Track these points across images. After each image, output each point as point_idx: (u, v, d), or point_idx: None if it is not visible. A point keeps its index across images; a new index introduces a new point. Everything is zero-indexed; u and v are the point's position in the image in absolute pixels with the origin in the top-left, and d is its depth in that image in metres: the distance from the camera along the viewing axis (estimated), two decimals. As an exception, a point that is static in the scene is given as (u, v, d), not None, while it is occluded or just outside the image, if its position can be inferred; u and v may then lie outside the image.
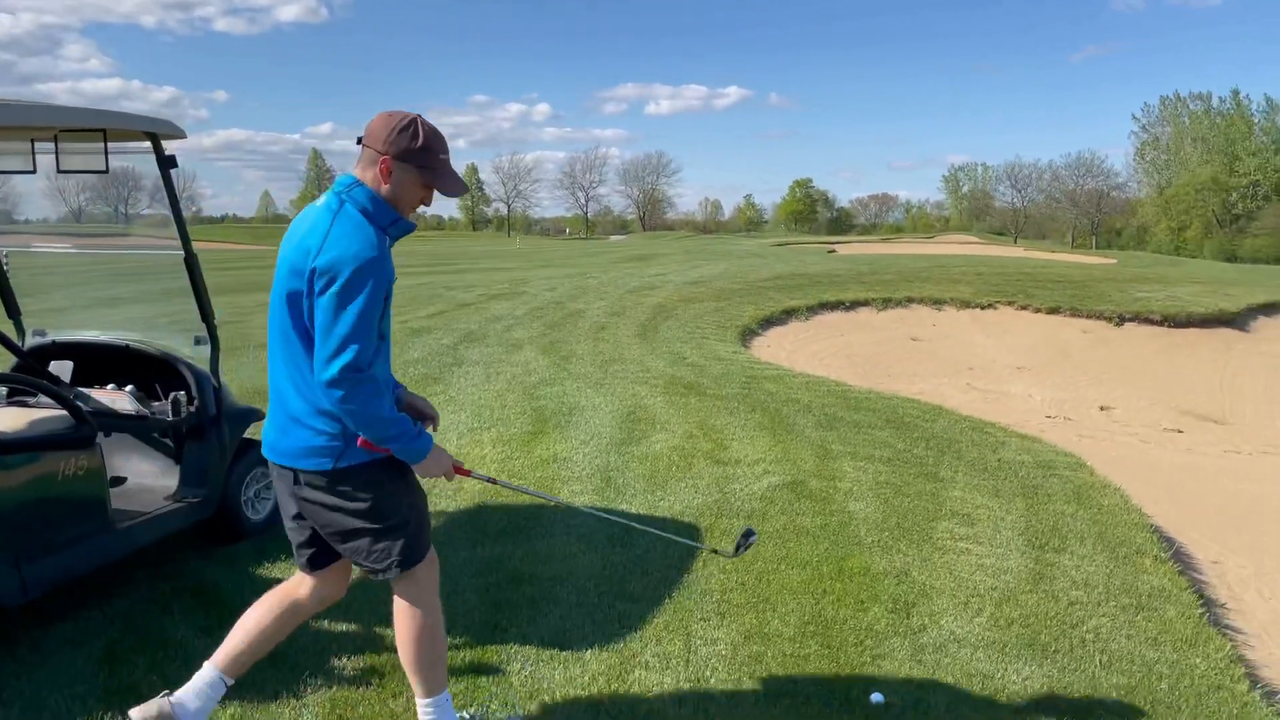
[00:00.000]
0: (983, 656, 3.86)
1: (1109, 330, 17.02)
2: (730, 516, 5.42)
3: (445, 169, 2.81)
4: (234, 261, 41.21)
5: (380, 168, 2.72)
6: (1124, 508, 6.17)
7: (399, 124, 2.72)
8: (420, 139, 2.73)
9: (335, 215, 2.68)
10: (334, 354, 2.55)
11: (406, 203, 2.79)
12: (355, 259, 2.57)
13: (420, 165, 2.74)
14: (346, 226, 2.64)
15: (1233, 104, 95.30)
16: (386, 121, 2.74)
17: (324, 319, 2.57)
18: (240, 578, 4.35)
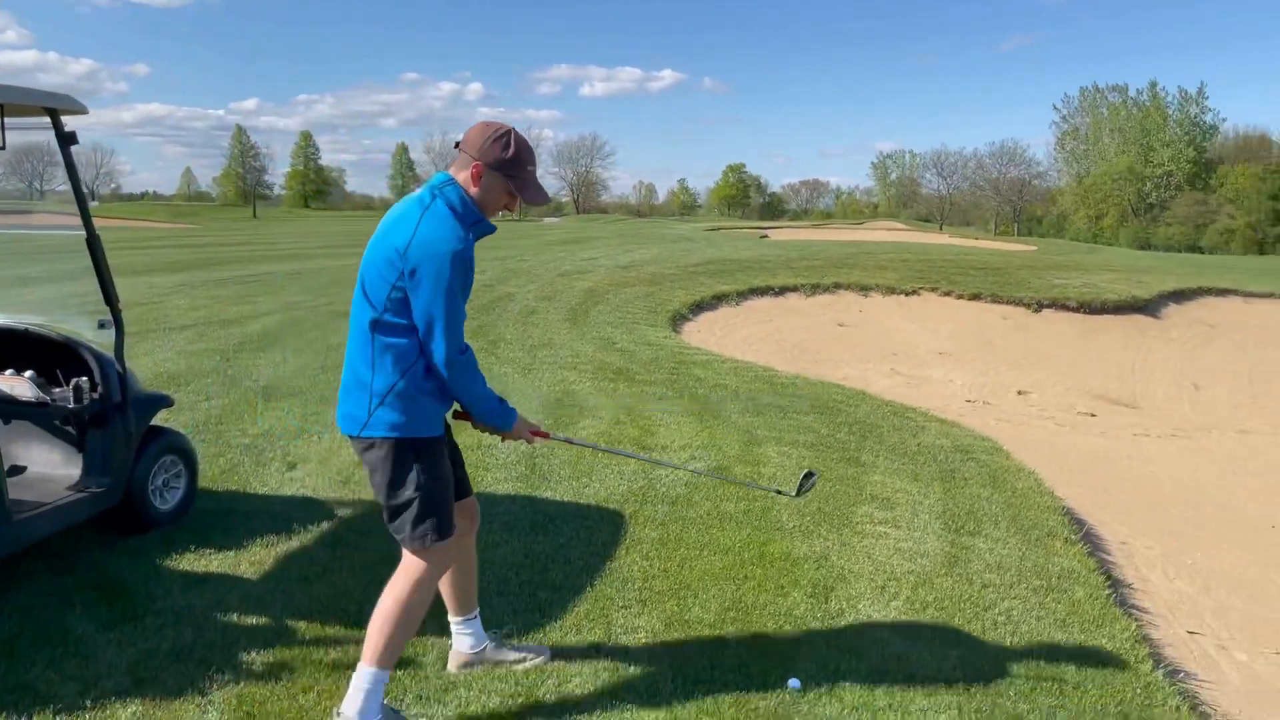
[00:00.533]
0: (898, 640, 3.92)
1: (1028, 316, 17.44)
2: (655, 503, 5.42)
3: (530, 179, 3.06)
4: (154, 240, 40.01)
5: (472, 172, 2.97)
6: (1037, 491, 6.33)
7: (494, 134, 2.98)
8: (511, 150, 2.98)
9: (425, 210, 2.93)
10: (438, 341, 2.87)
11: (492, 206, 3.04)
12: (441, 251, 2.82)
13: (509, 174, 2.99)
14: (434, 222, 2.89)
15: (1149, 96, 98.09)
16: (484, 131, 3.01)
17: (421, 306, 2.86)
18: (146, 569, 4.22)
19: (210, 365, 8.58)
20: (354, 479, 5.57)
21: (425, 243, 2.84)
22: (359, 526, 4.84)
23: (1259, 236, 73.11)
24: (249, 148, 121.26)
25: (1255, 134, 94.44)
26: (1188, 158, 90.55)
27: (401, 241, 2.86)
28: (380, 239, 2.97)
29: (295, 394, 7.59)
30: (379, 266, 2.92)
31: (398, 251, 2.85)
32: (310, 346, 9.75)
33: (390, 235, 2.93)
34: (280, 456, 5.96)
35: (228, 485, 5.42)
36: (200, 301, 13.32)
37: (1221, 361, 15.95)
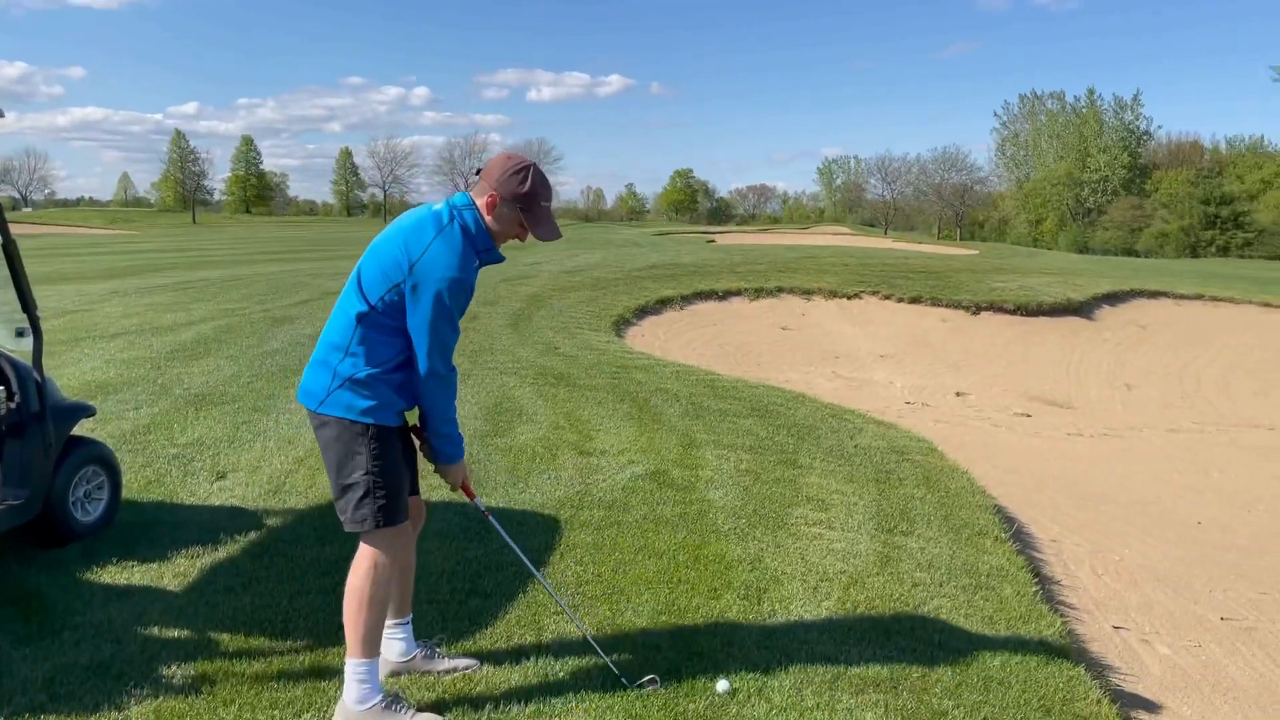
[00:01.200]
0: (828, 640, 3.95)
1: (966, 319, 17.73)
2: (591, 507, 5.41)
3: (543, 215, 3.12)
4: (88, 247, 39.09)
5: (488, 200, 3.05)
6: (970, 490, 6.43)
7: (514, 168, 3.07)
8: (528, 185, 3.06)
9: (442, 230, 3.00)
10: (429, 355, 2.99)
11: (504, 235, 3.12)
12: (447, 277, 2.93)
13: (523, 208, 3.07)
14: (448, 245, 2.97)
15: (1087, 102, 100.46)
16: (504, 163, 3.10)
17: (418, 321, 2.97)
18: (66, 582, 4.11)
19: (140, 374, 8.40)
20: (285, 487, 5.49)
21: (434, 264, 2.94)
22: (287, 535, 4.76)
23: (1192, 240, 75.18)
24: (188, 152, 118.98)
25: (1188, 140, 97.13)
26: (1123, 163, 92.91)
27: (414, 254, 2.96)
28: (388, 242, 3.04)
29: (227, 401, 7.45)
30: (383, 267, 3.00)
31: (408, 262, 2.95)
32: (245, 354, 9.59)
33: (402, 243, 3.00)
34: (209, 466, 5.85)
35: (153, 496, 5.31)
36: (133, 309, 13.03)
37: (1153, 362, 16.35)
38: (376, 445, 3.05)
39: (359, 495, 3.05)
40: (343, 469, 3.06)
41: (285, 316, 12.47)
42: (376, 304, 3.00)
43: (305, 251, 34.47)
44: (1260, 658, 5.09)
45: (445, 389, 3.11)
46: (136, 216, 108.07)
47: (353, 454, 3.04)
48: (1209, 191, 77.21)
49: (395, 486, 3.11)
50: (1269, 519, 8.13)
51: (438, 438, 3.19)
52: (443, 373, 3.06)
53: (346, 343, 3.04)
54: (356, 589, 3.10)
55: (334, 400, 3.03)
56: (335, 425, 3.05)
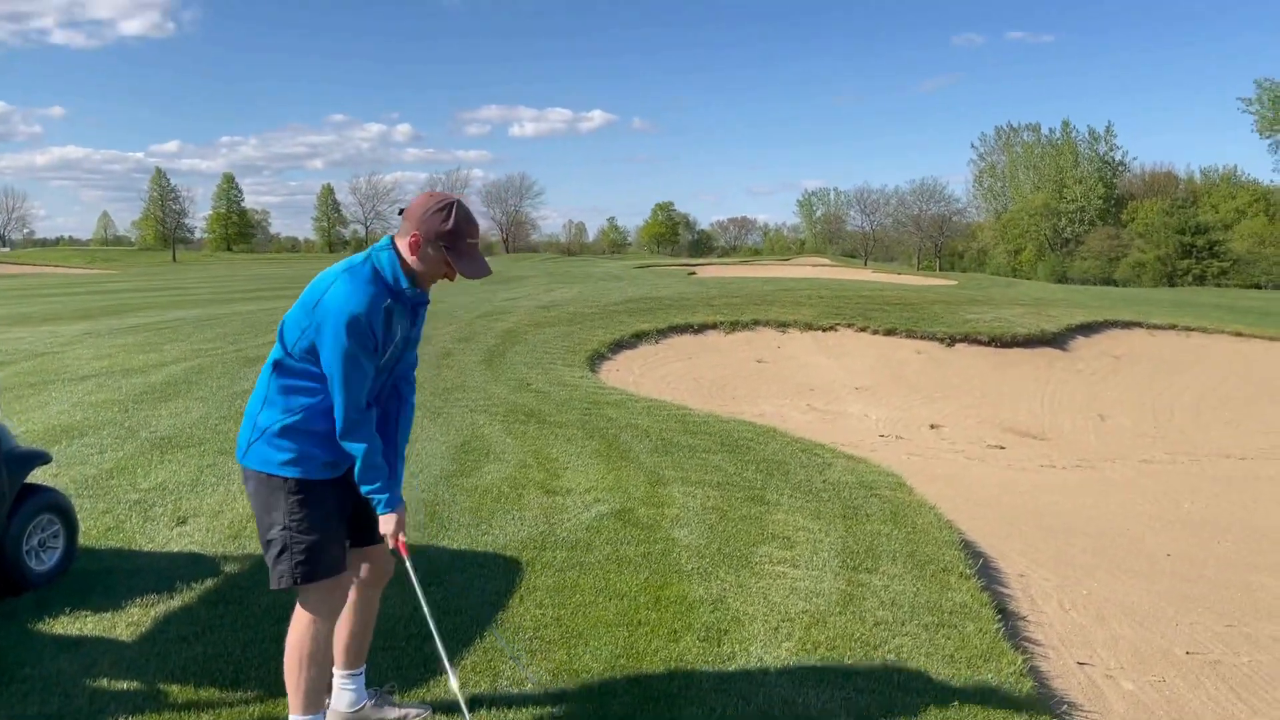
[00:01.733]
0: (786, 682, 3.93)
1: (941, 351, 17.82)
2: (554, 548, 5.38)
3: (468, 252, 3.04)
4: (65, 287, 38.91)
5: (410, 241, 2.99)
6: (937, 525, 6.43)
7: (435, 205, 2.99)
8: (450, 223, 2.97)
9: (349, 270, 2.97)
10: (336, 399, 2.94)
11: (429, 276, 3.06)
12: (344, 312, 2.86)
13: (447, 246, 2.99)
14: (349, 284, 2.92)
15: (1062, 134, 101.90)
16: (426, 202, 3.02)
17: (325, 363, 2.93)
18: (16, 634, 4.06)
19: (108, 417, 8.33)
20: (245, 532, 5.44)
21: (331, 303, 2.90)
22: (244, 582, 4.71)
23: (1168, 269, 76.02)
24: (169, 190, 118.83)
25: (1163, 170, 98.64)
26: (1099, 194, 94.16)
27: (313, 297, 2.95)
28: (307, 290, 3.04)
29: (194, 444, 7.40)
30: (295, 313, 3.01)
31: (309, 305, 2.94)
32: (214, 395, 9.54)
33: (312, 288, 3.00)
34: (170, 511, 5.80)
35: (111, 543, 5.25)
36: (105, 350, 12.95)
37: (1126, 392, 16.46)
38: (295, 499, 3.00)
39: (276, 551, 3.02)
40: (261, 523, 3.06)
41: (258, 356, 12.41)
42: (292, 350, 2.99)
43: (285, 289, 34.37)
44: (1224, 691, 5.09)
45: (361, 432, 2.98)
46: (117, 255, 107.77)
47: (270, 508, 3.02)
48: (1184, 221, 78.22)
49: (316, 542, 3.02)
50: (1236, 550, 8.16)
51: (364, 487, 3.07)
52: (354, 416, 2.95)
53: (265, 392, 3.04)
54: (294, 646, 3.08)
55: (253, 453, 3.03)
56: (254, 479, 3.04)
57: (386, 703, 3.49)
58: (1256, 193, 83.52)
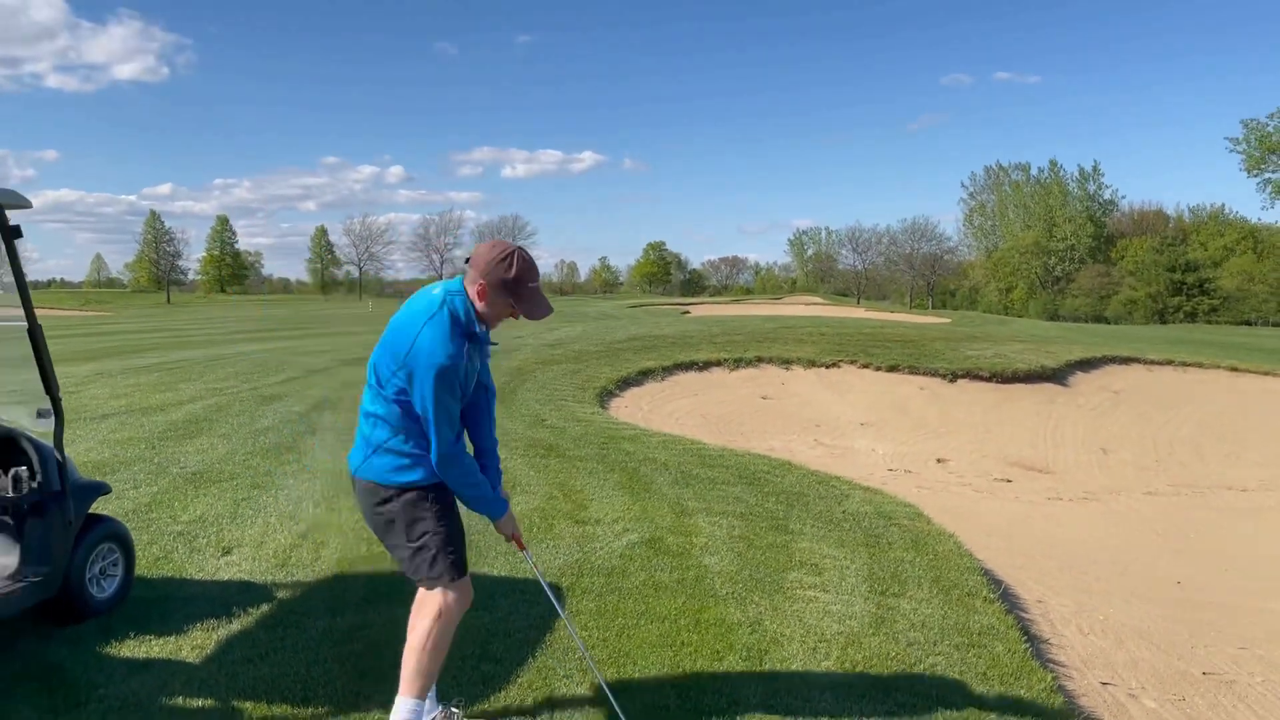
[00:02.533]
0: (830, 698, 4.09)
1: (943, 386, 18.06)
2: (591, 575, 5.55)
3: (531, 295, 3.32)
4: (62, 329, 38.96)
5: (478, 289, 3.28)
6: (957, 553, 6.60)
7: (499, 255, 3.27)
8: (513, 271, 3.25)
9: (430, 318, 3.23)
10: (430, 435, 3.24)
11: (495, 318, 3.37)
12: (435, 363, 3.16)
13: (511, 292, 3.28)
14: (433, 332, 3.20)
15: (1050, 173, 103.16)
16: (489, 251, 3.30)
17: (417, 402, 3.22)
18: (86, 658, 4.20)
19: (136, 453, 8.48)
20: (290, 561, 5.59)
21: (420, 352, 3.18)
22: (297, 607, 4.87)
23: (1159, 306, 76.75)
24: (163, 233, 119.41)
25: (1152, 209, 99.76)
26: (1088, 232, 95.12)
27: (402, 344, 3.24)
28: (393, 332, 3.33)
29: (225, 479, 7.56)
30: (385, 356, 3.32)
31: (400, 352, 3.23)
32: (237, 432, 9.69)
33: (400, 333, 3.28)
34: (214, 542, 5.95)
35: (162, 572, 5.40)
36: (120, 390, 13.10)
37: (1127, 426, 16.69)
38: (439, 506, 3.34)
39: (431, 554, 3.34)
40: (410, 533, 3.35)
41: (273, 395, 12.58)
42: (386, 387, 3.31)
43: (283, 330, 34.56)
44: (1241, 709, 5.26)
45: (452, 465, 3.31)
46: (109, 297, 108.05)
47: (417, 518, 3.34)
48: (1174, 259, 79.10)
49: (460, 542, 3.42)
50: (1244, 578, 8.35)
51: (472, 505, 3.46)
52: (446, 451, 3.26)
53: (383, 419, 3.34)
54: (423, 634, 3.40)
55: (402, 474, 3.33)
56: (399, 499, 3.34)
57: (454, 717, 3.66)
58: (1244, 230, 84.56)
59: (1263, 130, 55.41)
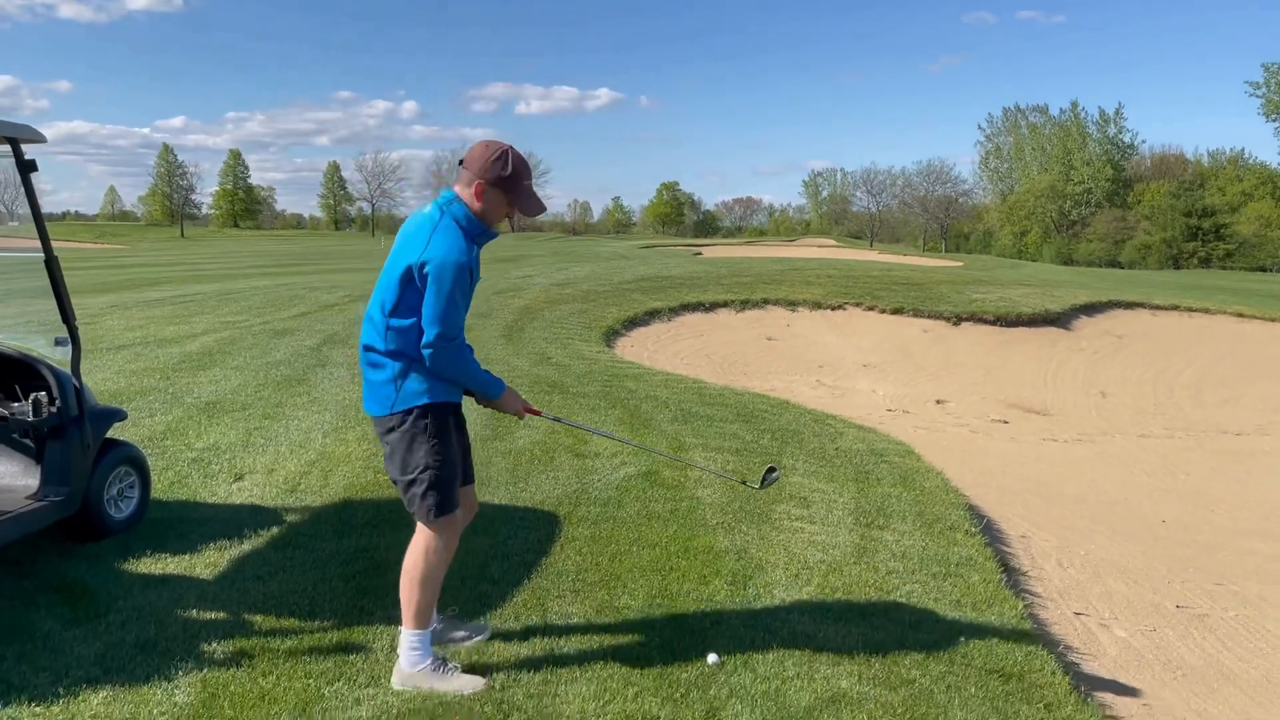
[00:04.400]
0: (808, 620, 4.33)
1: (947, 329, 18.18)
2: (588, 504, 5.78)
3: (526, 192, 3.47)
4: (79, 261, 39.25)
5: (475, 189, 3.39)
6: (944, 489, 6.81)
7: (493, 154, 3.38)
8: (509, 168, 3.38)
9: (436, 227, 3.35)
10: (431, 325, 3.29)
11: (494, 218, 3.47)
12: (446, 260, 3.27)
13: (507, 190, 3.41)
14: (445, 236, 3.32)
15: (1070, 115, 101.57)
16: (484, 151, 3.40)
17: (427, 304, 3.29)
18: (105, 573, 4.45)
19: (151, 383, 8.73)
20: (300, 487, 5.84)
21: (435, 255, 3.28)
22: (306, 530, 5.11)
23: (1174, 252, 76.06)
24: (176, 166, 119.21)
25: (1171, 153, 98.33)
26: (1106, 176, 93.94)
27: (414, 255, 3.31)
28: (396, 254, 3.41)
29: (238, 409, 7.80)
30: (394, 278, 3.36)
31: (415, 263, 3.30)
32: (250, 364, 9.92)
33: (406, 250, 3.36)
34: (227, 468, 6.19)
35: (177, 496, 5.65)
36: (135, 322, 13.34)
37: (1128, 371, 16.82)
38: (435, 441, 3.44)
39: (424, 488, 3.44)
40: (406, 465, 3.45)
41: (285, 329, 12.80)
42: (396, 307, 3.36)
43: (295, 265, 34.74)
44: (1211, 641, 5.48)
45: (444, 356, 3.35)
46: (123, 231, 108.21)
47: (414, 450, 3.43)
48: (1191, 204, 78.20)
49: (452, 480, 3.50)
50: (1229, 518, 8.54)
51: (473, 388, 3.53)
52: (444, 343, 3.32)
53: (385, 349, 3.42)
54: (414, 568, 3.52)
55: (400, 399, 3.42)
56: (399, 428, 3.44)
57: (454, 625, 3.91)
58: (1264, 175, 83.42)
59: (1286, 73, 54.47)
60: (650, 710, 3.43)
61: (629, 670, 3.70)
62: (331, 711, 3.31)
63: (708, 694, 3.57)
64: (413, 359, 3.40)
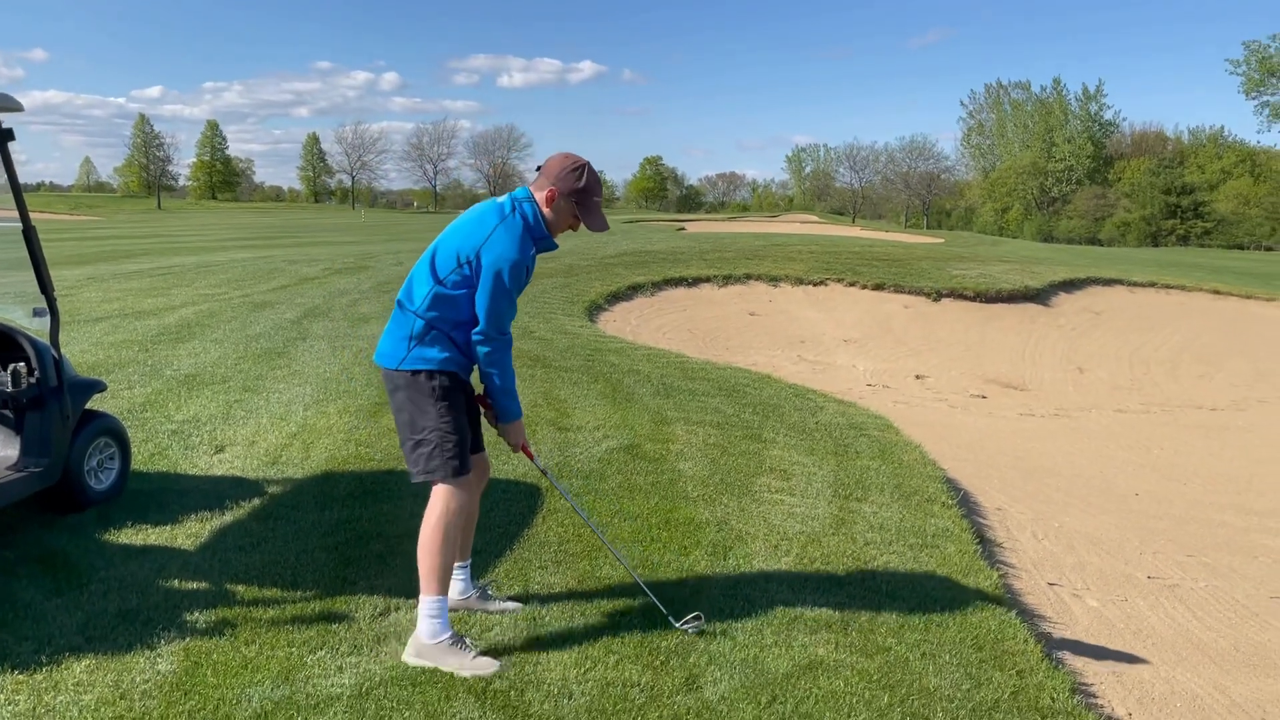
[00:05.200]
0: (786, 589, 4.38)
1: (927, 305, 18.29)
2: (570, 477, 5.82)
3: (595, 209, 3.59)
4: (54, 233, 38.81)
5: (547, 195, 3.50)
6: (922, 462, 6.89)
7: (571, 166, 3.51)
8: (583, 182, 3.51)
9: (503, 220, 3.46)
10: (486, 320, 3.41)
11: (559, 226, 3.58)
12: (507, 259, 3.38)
13: (578, 202, 3.53)
14: (507, 233, 3.42)
15: (1053, 92, 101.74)
16: (563, 162, 3.53)
17: (482, 296, 3.40)
18: (86, 543, 4.45)
19: (130, 355, 8.68)
20: (281, 459, 5.84)
21: (495, 249, 3.39)
22: (288, 501, 5.13)
23: (1153, 229, 76.62)
24: (152, 137, 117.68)
25: (1152, 130, 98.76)
26: (1088, 153, 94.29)
27: (477, 241, 3.42)
28: (458, 231, 3.52)
29: (218, 381, 7.77)
30: (451, 252, 3.47)
31: (474, 249, 3.40)
32: (229, 337, 9.88)
33: (469, 232, 3.48)
34: (207, 440, 6.19)
35: (157, 468, 5.64)
36: (112, 294, 13.25)
37: (1105, 346, 16.98)
38: (444, 404, 3.47)
39: (430, 448, 3.47)
40: (414, 425, 3.49)
41: (265, 302, 12.74)
42: (445, 279, 3.45)
43: (275, 238, 34.51)
44: (1180, 610, 5.59)
45: (496, 351, 3.49)
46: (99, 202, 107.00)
47: (422, 410, 3.48)
48: (1170, 181, 78.68)
49: (461, 441, 3.52)
50: (1202, 491, 8.68)
51: (496, 396, 3.60)
52: (494, 336, 3.44)
53: (417, 308, 3.49)
54: (431, 533, 3.52)
55: (412, 357, 3.47)
56: (407, 385, 3.48)
57: (487, 597, 3.98)
58: (1243, 153, 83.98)
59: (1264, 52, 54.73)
60: (630, 677, 3.47)
61: (610, 639, 3.74)
62: (314, 679, 3.34)
63: (687, 661, 3.62)
64: (438, 329, 3.47)
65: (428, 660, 3.48)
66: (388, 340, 3.58)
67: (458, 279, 3.44)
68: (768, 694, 3.43)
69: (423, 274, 3.53)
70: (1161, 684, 4.53)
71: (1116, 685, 4.35)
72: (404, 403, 3.52)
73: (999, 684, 3.69)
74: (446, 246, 3.51)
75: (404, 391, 3.51)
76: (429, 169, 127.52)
